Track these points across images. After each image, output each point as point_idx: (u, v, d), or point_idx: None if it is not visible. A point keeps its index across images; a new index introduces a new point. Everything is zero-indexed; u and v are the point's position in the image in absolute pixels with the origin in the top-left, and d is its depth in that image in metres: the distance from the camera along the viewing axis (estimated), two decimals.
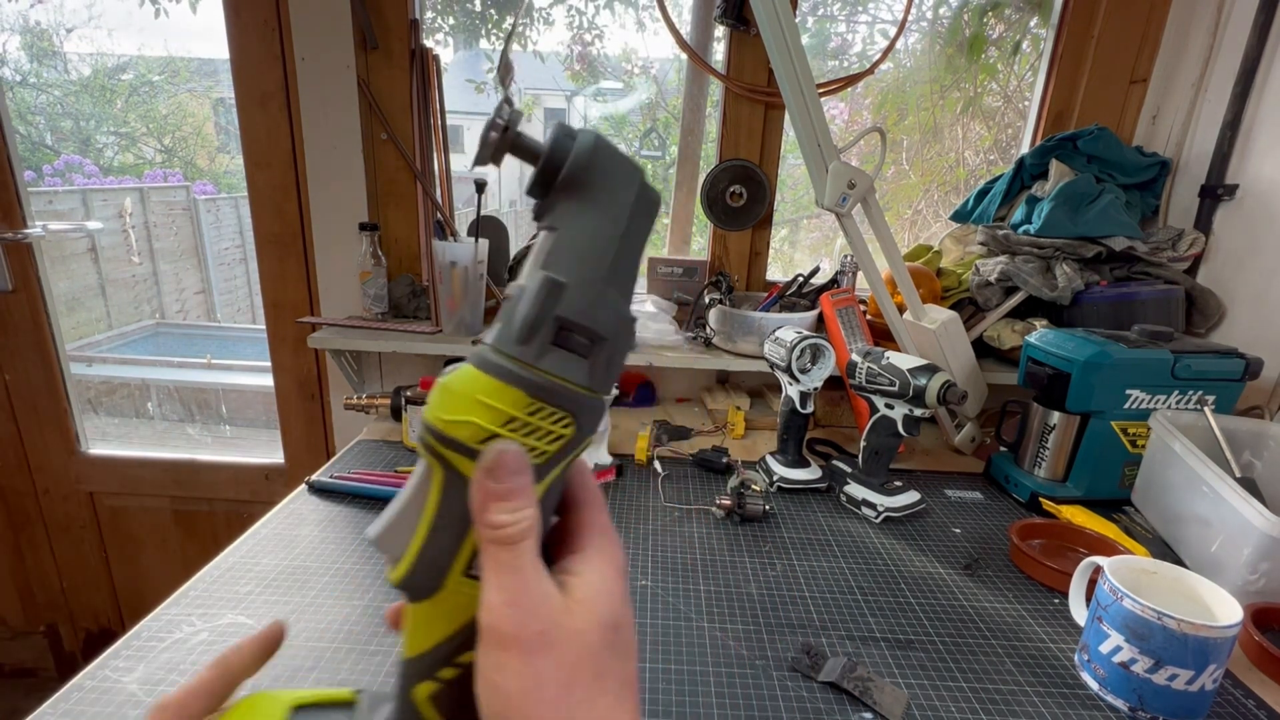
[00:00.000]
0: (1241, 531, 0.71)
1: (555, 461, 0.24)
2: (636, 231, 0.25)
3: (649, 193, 0.25)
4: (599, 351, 0.24)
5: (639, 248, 0.25)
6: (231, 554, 0.76)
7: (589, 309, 0.23)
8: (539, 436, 0.24)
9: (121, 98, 4.44)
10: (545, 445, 0.24)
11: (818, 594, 0.73)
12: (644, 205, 0.25)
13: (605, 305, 0.24)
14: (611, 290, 0.24)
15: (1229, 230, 1.14)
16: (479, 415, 0.23)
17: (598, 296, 0.24)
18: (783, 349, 0.95)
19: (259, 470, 1.54)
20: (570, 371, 0.23)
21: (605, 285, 0.24)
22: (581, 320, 0.23)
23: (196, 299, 4.02)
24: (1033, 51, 1.47)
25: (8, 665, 1.71)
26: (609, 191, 0.24)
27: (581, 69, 2.02)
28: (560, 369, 0.23)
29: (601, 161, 0.24)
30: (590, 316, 0.23)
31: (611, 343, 0.24)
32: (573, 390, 0.23)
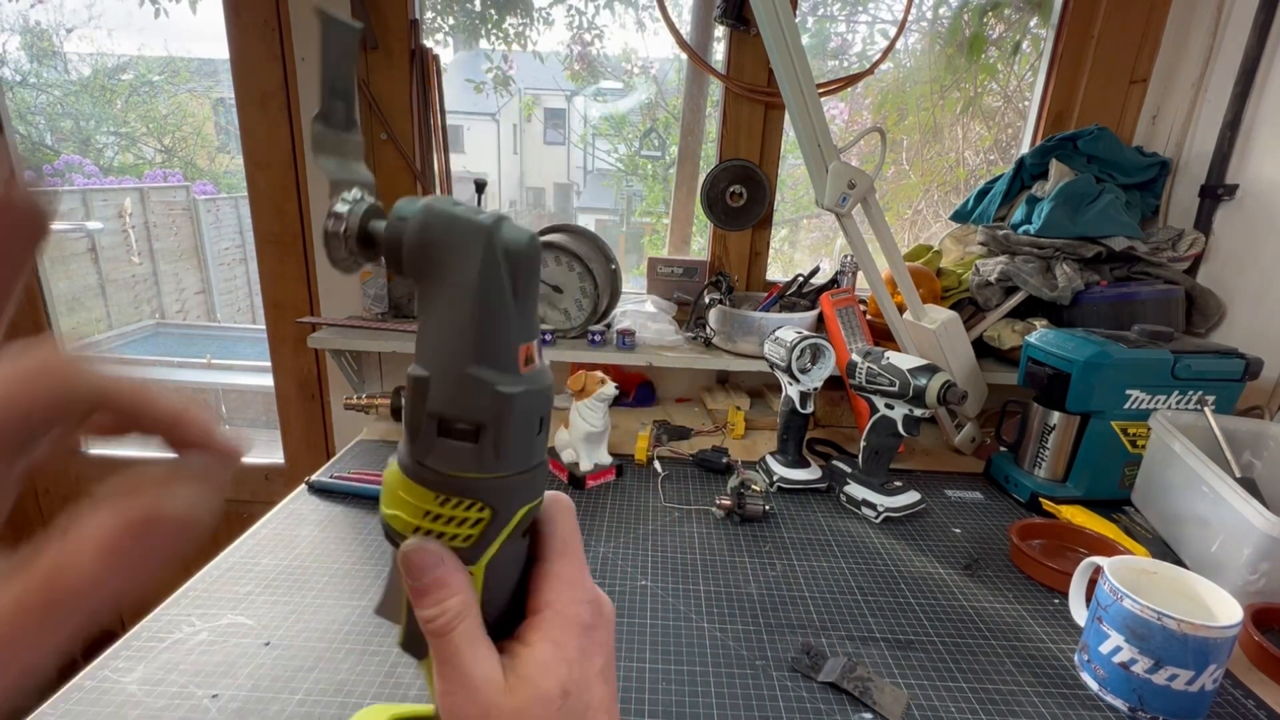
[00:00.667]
0: (1241, 531, 0.71)
1: (487, 540, 0.25)
2: (492, 299, 0.23)
3: (498, 249, 0.23)
4: (485, 434, 0.23)
5: (505, 311, 0.23)
6: (231, 554, 0.76)
7: (455, 398, 0.23)
8: (457, 524, 0.24)
9: (121, 98, 4.45)
10: (467, 530, 0.25)
11: (818, 594, 0.73)
12: (494, 269, 0.23)
13: (472, 389, 0.23)
14: (481, 369, 0.23)
15: (1229, 230, 1.14)
16: (402, 509, 0.25)
17: (461, 383, 0.23)
18: (783, 349, 0.95)
19: (259, 470, 1.54)
20: (459, 463, 0.24)
21: (470, 367, 0.23)
22: (450, 411, 0.23)
23: (196, 299, 4.02)
24: (1033, 51, 1.47)
25: None
26: (451, 267, 0.23)
27: (581, 69, 2.02)
28: (447, 463, 0.24)
29: (435, 238, 0.23)
30: (458, 405, 0.23)
31: (492, 426, 0.23)
32: (467, 479, 0.24)
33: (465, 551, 0.25)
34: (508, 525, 0.25)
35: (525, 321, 0.24)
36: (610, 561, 0.78)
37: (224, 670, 0.58)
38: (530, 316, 0.24)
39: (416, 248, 0.23)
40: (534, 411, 0.24)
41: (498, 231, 0.23)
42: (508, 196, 5.44)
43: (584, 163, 4.95)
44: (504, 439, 0.23)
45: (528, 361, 0.24)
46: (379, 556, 0.76)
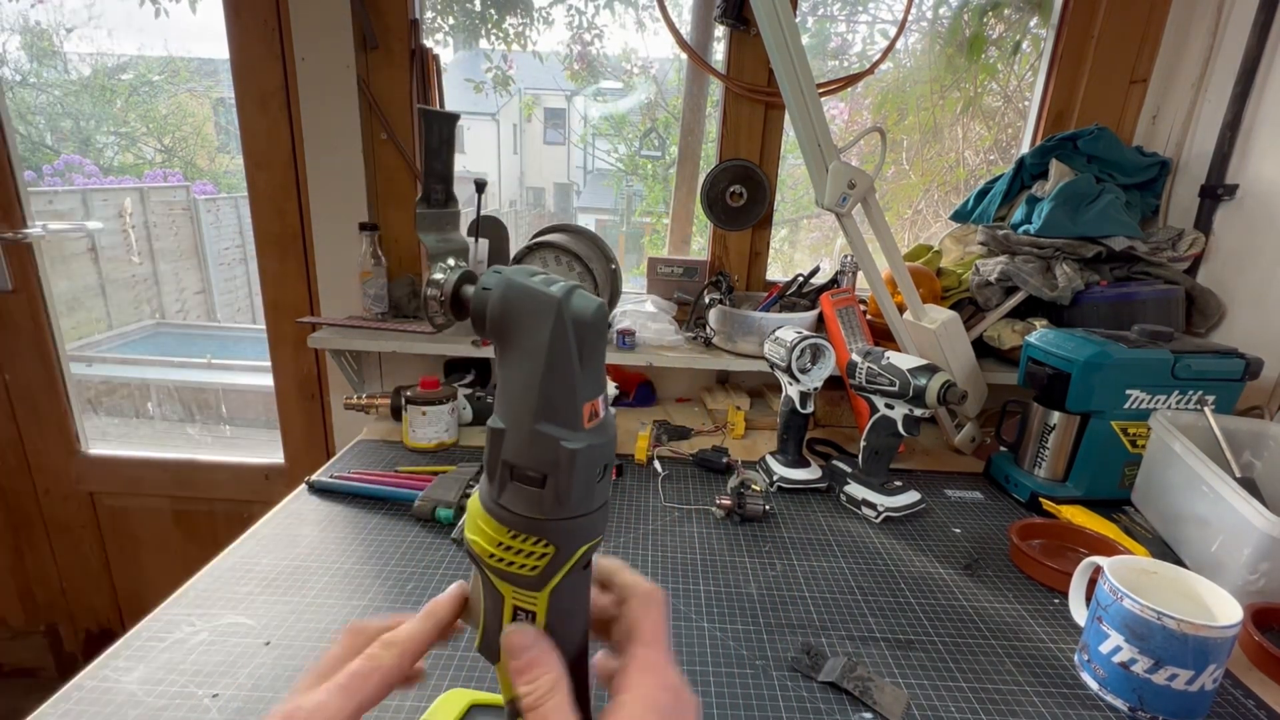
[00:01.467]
0: (1241, 531, 0.71)
1: (551, 571, 0.28)
2: (560, 363, 0.26)
3: (567, 321, 0.26)
4: (549, 483, 0.26)
5: (569, 377, 0.26)
6: (231, 554, 0.76)
7: (525, 450, 0.27)
8: (525, 555, 0.28)
9: (121, 98, 4.44)
10: (534, 562, 0.28)
11: (818, 594, 0.73)
12: (562, 336, 0.26)
13: (539, 443, 0.26)
14: (548, 426, 0.26)
15: (1229, 230, 1.14)
16: (481, 537, 0.28)
17: (531, 438, 0.26)
18: (783, 349, 0.95)
19: (259, 470, 1.54)
20: (525, 504, 0.27)
21: (539, 424, 0.26)
22: (519, 461, 0.27)
23: (196, 299, 4.02)
24: (1033, 51, 1.47)
25: (8, 665, 1.71)
26: (526, 334, 0.26)
27: (581, 69, 2.02)
28: (515, 503, 0.27)
29: (512, 310, 0.27)
30: (527, 456, 0.27)
31: (556, 477, 0.26)
32: (534, 520, 0.27)
33: (532, 580, 0.28)
34: (569, 560, 0.28)
35: (590, 381, 0.27)
36: None
37: (224, 670, 0.58)
38: (596, 376, 0.28)
39: (498, 316, 0.27)
40: (595, 462, 0.27)
41: (567, 303, 0.26)
42: (508, 196, 5.44)
43: (584, 162, 4.95)
44: (566, 488, 0.26)
45: (592, 417, 0.27)
46: (379, 556, 0.76)
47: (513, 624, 0.29)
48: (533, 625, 0.29)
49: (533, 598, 0.29)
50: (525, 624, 0.29)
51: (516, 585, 0.29)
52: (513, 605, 0.29)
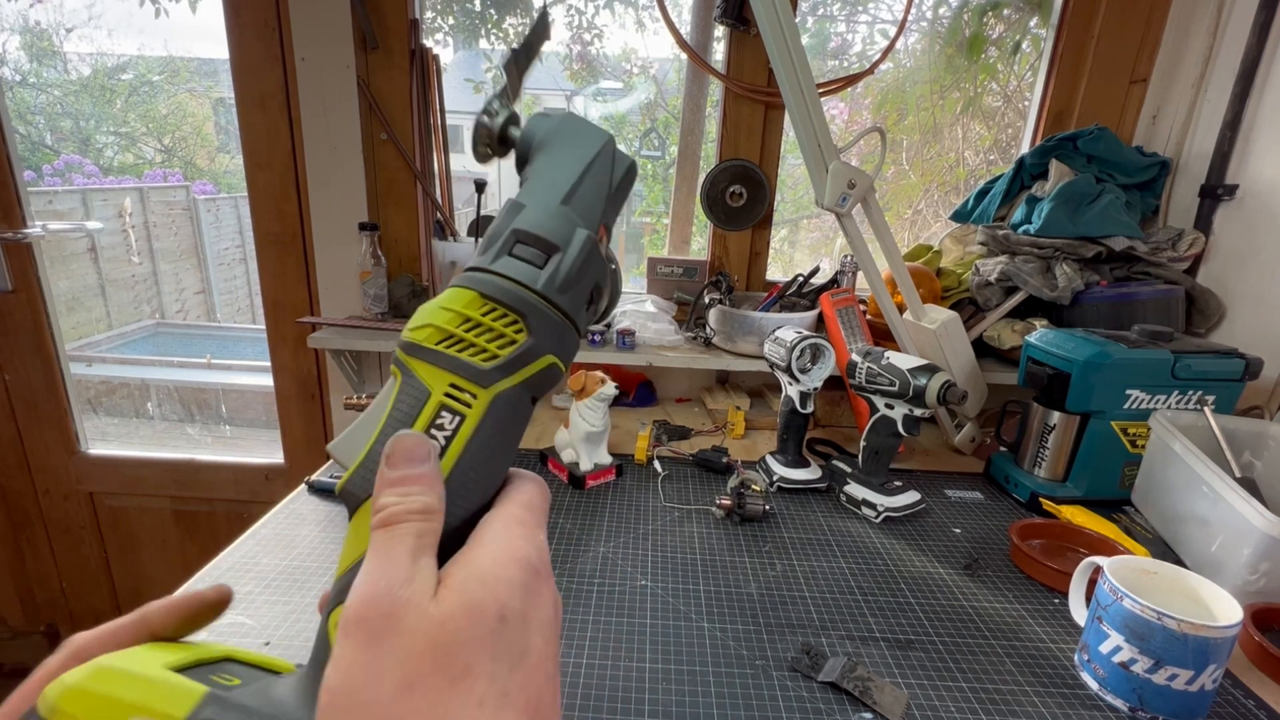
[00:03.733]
0: (1241, 531, 0.71)
1: (509, 367, 0.25)
2: (598, 173, 0.28)
3: (615, 152, 0.29)
4: (553, 262, 0.26)
5: (601, 188, 0.28)
6: (231, 554, 0.76)
7: (542, 220, 0.26)
8: (491, 338, 0.25)
9: (121, 98, 4.44)
10: (496, 348, 0.25)
11: (818, 594, 0.73)
12: (606, 159, 0.28)
13: (559, 218, 0.26)
14: (568, 210, 0.27)
15: (1229, 230, 1.14)
16: (438, 319, 0.25)
17: (553, 213, 0.26)
18: (783, 349, 0.95)
19: (259, 470, 1.54)
20: (520, 274, 0.25)
21: (561, 205, 0.27)
22: (532, 229, 0.26)
23: (196, 299, 4.02)
24: (1033, 51, 1.47)
25: (8, 665, 1.71)
26: (574, 144, 0.28)
27: (581, 69, 2.01)
28: (509, 270, 0.25)
29: (568, 127, 0.29)
30: (541, 226, 0.26)
31: (565, 253, 0.26)
32: (520, 290, 0.25)
33: (485, 371, 0.24)
34: (533, 361, 0.25)
35: (608, 211, 0.28)
36: (610, 561, 0.78)
37: None
38: (611, 213, 0.29)
39: (553, 128, 0.29)
40: (592, 270, 0.26)
41: (617, 148, 0.29)
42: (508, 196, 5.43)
43: None
44: (568, 270, 0.25)
45: (599, 241, 0.27)
46: None
47: (411, 432, 0.23)
48: (434, 444, 0.23)
49: (473, 394, 0.24)
50: (426, 438, 0.23)
51: (461, 374, 0.24)
52: (438, 404, 0.24)
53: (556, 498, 0.92)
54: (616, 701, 0.57)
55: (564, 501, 0.91)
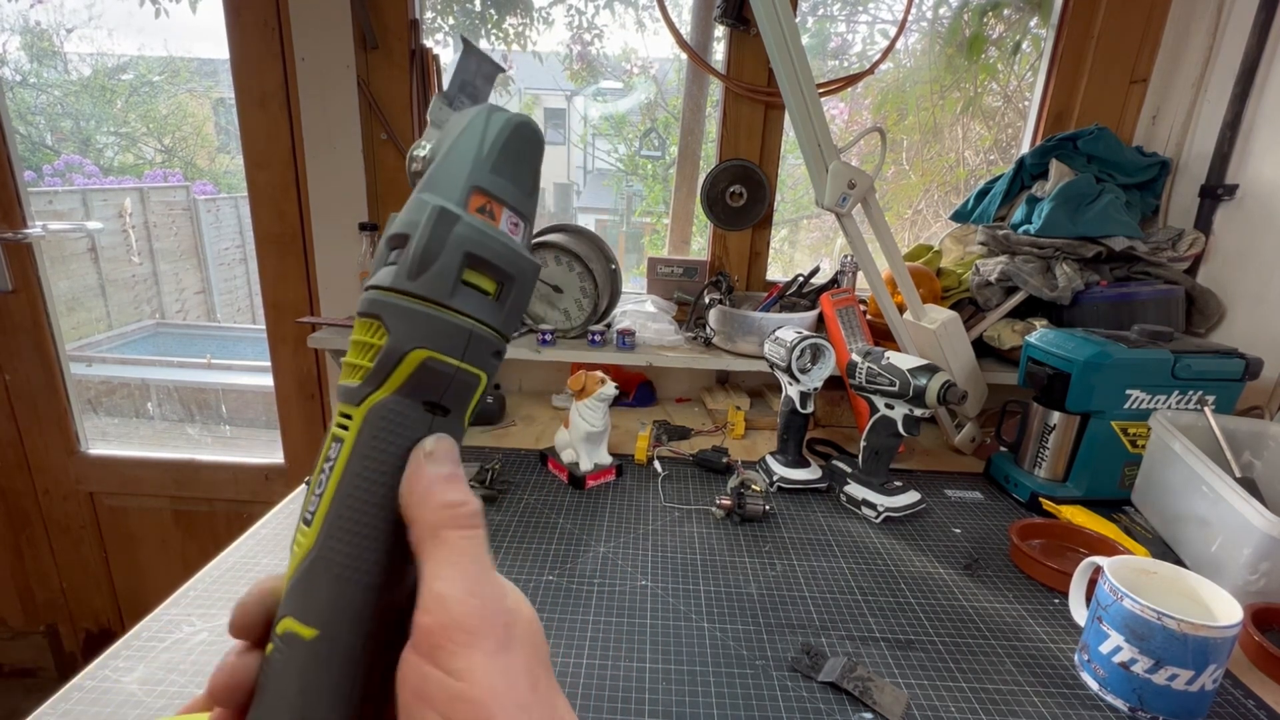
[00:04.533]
0: (1241, 531, 0.71)
1: (377, 376, 0.22)
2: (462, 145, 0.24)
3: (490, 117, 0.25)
4: (406, 247, 0.23)
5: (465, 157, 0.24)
6: (231, 554, 0.76)
7: (401, 217, 0.24)
8: (361, 351, 0.23)
9: (121, 98, 4.45)
10: (365, 360, 0.23)
11: (818, 594, 0.73)
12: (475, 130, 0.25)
13: (411, 209, 0.23)
14: (422, 195, 0.23)
15: (1229, 230, 1.14)
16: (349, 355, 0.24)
17: (408, 206, 0.24)
18: (783, 349, 0.95)
19: (259, 470, 1.54)
20: (381, 277, 0.23)
21: (416, 194, 0.24)
22: (394, 229, 0.24)
23: (196, 299, 4.02)
24: (1033, 51, 1.47)
25: (8, 665, 1.71)
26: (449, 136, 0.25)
27: (581, 69, 2.01)
28: (376, 278, 0.23)
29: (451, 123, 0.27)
30: (399, 222, 0.24)
31: (413, 237, 0.23)
32: (375, 293, 0.23)
33: (354, 389, 0.23)
34: (400, 362, 0.22)
35: (496, 179, 0.24)
36: (610, 561, 0.78)
37: None
38: (509, 181, 0.25)
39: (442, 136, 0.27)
40: (450, 241, 0.23)
41: (495, 109, 0.25)
42: None
43: (584, 163, 4.95)
44: (416, 249, 0.22)
45: (484, 212, 0.24)
46: None
47: (435, 434, 0.23)
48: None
49: (349, 415, 0.23)
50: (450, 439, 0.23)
51: (344, 400, 0.23)
52: (331, 436, 0.23)
53: (556, 498, 0.92)
54: (616, 701, 0.57)
55: (564, 501, 0.91)
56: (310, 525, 0.22)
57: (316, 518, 0.22)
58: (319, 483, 0.23)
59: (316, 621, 0.22)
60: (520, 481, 0.96)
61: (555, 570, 0.76)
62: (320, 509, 0.22)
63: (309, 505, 0.23)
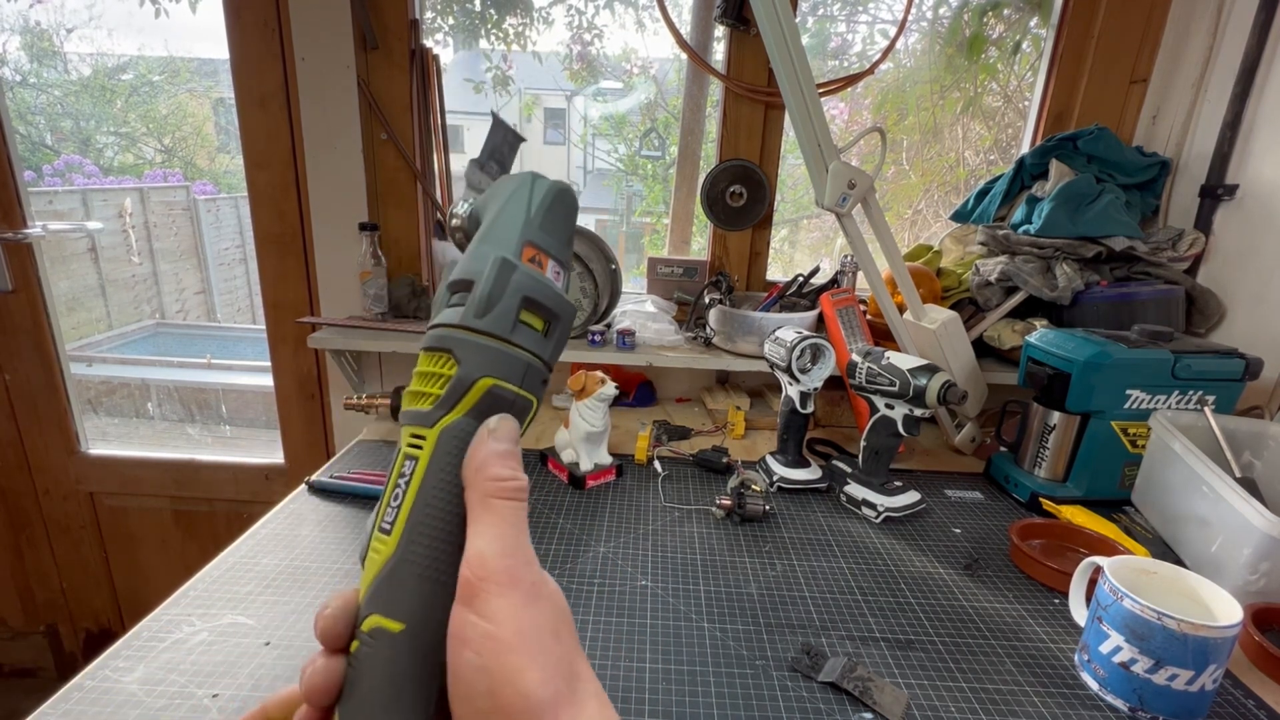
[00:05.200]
0: (1241, 531, 0.71)
1: (448, 401, 0.26)
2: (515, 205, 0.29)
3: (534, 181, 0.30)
4: (471, 294, 0.27)
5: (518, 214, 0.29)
6: (231, 554, 0.76)
7: (463, 265, 0.28)
8: (431, 381, 0.27)
9: (121, 98, 4.44)
10: (435, 388, 0.26)
11: (818, 594, 0.73)
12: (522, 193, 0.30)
13: (473, 258, 0.28)
14: (482, 246, 0.28)
15: (1229, 230, 1.14)
16: (409, 386, 0.28)
17: (469, 255, 0.28)
18: (783, 349, 0.95)
19: (259, 470, 1.54)
20: (448, 316, 0.27)
21: (479, 245, 0.28)
22: (456, 275, 0.28)
23: (196, 299, 4.02)
24: (1033, 51, 1.47)
25: (8, 665, 1.71)
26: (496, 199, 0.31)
27: (581, 69, 2.01)
28: (442, 317, 0.27)
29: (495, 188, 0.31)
30: (462, 269, 0.28)
31: (478, 283, 0.27)
32: (445, 330, 0.26)
33: (427, 414, 0.26)
34: (469, 389, 0.26)
35: (541, 233, 0.29)
36: (610, 561, 0.78)
37: (224, 670, 0.58)
38: (550, 235, 0.29)
39: (485, 197, 0.31)
40: (511, 286, 0.27)
41: (538, 175, 0.31)
42: None
43: (584, 163, 4.95)
44: (483, 293, 0.26)
45: (534, 262, 0.28)
46: None
47: (499, 414, 0.26)
48: None
49: (422, 436, 0.26)
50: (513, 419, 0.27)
51: (413, 423, 0.26)
52: (403, 455, 0.26)
53: (556, 498, 0.92)
54: (616, 701, 0.57)
55: (564, 501, 0.91)
56: (389, 534, 0.25)
57: (396, 526, 0.25)
58: (394, 496, 0.26)
59: (404, 616, 0.24)
60: None
61: (555, 570, 0.76)
62: (400, 518, 0.25)
63: (385, 516, 0.26)
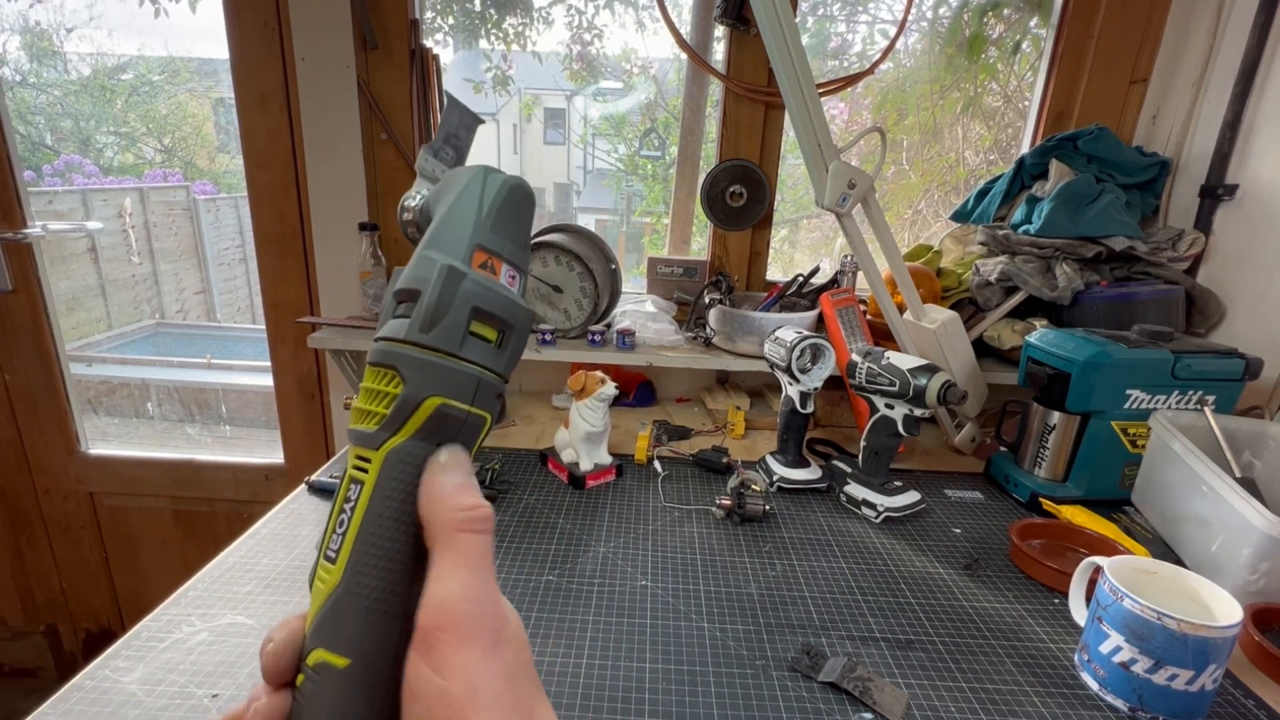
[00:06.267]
0: (1241, 531, 0.71)
1: (394, 422, 0.24)
2: (464, 204, 0.27)
3: (486, 179, 0.27)
4: (418, 300, 0.25)
5: (467, 216, 0.27)
6: (231, 554, 0.76)
7: (408, 273, 0.26)
8: (376, 399, 0.25)
9: (121, 98, 4.44)
10: (381, 407, 0.25)
11: (818, 594, 0.73)
12: (472, 190, 0.27)
13: (419, 265, 0.25)
14: (428, 252, 0.26)
15: (1229, 230, 1.14)
16: (355, 402, 0.26)
17: (414, 262, 0.26)
18: (783, 349, 0.95)
19: (259, 470, 1.54)
20: (393, 329, 0.25)
21: (426, 250, 0.26)
22: (401, 284, 0.26)
23: (196, 299, 4.02)
24: (1033, 51, 1.47)
25: (8, 665, 1.71)
26: (446, 195, 0.28)
27: (581, 69, 2.01)
28: (387, 330, 0.25)
29: (446, 180, 0.29)
30: (407, 278, 0.25)
31: (424, 293, 0.25)
32: (389, 345, 0.25)
33: (371, 435, 0.24)
34: (416, 409, 0.24)
35: (494, 236, 0.27)
36: (610, 561, 0.78)
37: (224, 670, 0.58)
38: (504, 237, 0.27)
39: (435, 192, 0.29)
40: (459, 296, 0.25)
41: (490, 170, 0.28)
42: None
43: (584, 163, 4.95)
44: (429, 304, 0.24)
45: (485, 268, 0.26)
46: None
47: (449, 445, 0.25)
48: None
49: (367, 459, 0.24)
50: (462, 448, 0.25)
51: (359, 444, 0.25)
52: (349, 478, 0.25)
53: (556, 498, 0.92)
54: (616, 701, 0.57)
55: (564, 501, 0.91)
56: (334, 562, 0.24)
57: (341, 555, 0.24)
58: (339, 522, 0.24)
59: (348, 651, 0.23)
60: (520, 481, 0.96)
61: (555, 570, 0.76)
62: (344, 546, 0.24)
63: (331, 544, 0.24)
